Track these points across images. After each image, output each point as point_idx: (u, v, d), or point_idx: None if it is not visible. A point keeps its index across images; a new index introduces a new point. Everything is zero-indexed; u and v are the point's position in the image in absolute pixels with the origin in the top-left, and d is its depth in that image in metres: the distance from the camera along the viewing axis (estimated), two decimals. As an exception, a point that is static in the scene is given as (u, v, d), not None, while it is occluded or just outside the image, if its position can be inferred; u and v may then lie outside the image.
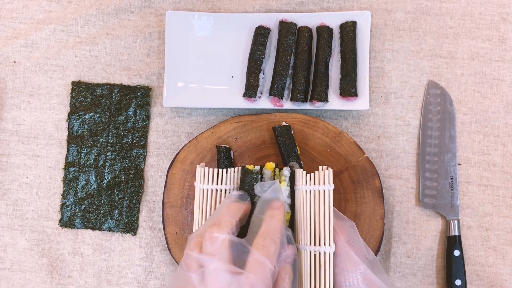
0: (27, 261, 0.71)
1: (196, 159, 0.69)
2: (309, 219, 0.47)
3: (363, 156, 0.67)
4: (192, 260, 0.43)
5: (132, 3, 0.74)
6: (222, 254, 0.42)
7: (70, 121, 0.72)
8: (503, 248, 0.69)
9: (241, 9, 0.73)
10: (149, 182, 0.72)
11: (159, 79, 0.73)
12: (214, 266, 0.42)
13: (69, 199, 0.71)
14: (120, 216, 0.71)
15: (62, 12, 0.74)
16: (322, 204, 0.46)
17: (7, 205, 0.72)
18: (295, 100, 0.69)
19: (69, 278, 0.71)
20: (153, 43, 0.74)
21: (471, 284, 0.69)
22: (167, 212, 0.68)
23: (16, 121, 0.73)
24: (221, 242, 0.43)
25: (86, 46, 0.74)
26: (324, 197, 0.46)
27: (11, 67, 0.74)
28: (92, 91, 0.72)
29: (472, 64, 0.72)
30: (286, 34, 0.69)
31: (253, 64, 0.69)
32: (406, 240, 0.69)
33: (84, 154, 0.72)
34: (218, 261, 0.42)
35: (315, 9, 0.73)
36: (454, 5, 0.73)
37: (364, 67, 0.69)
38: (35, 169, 0.72)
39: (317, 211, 0.46)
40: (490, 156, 0.71)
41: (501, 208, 0.70)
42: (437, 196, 0.69)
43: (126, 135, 0.72)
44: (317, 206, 0.46)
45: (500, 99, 0.71)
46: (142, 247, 0.71)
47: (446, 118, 0.70)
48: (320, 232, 0.46)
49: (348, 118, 0.72)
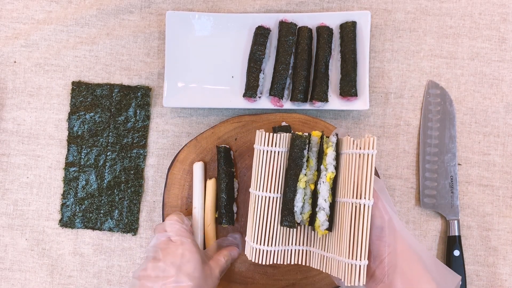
0: (27, 261, 0.71)
1: (196, 159, 0.69)
2: (353, 177, 0.54)
3: (363, 156, 0.68)
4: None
5: (132, 3, 0.74)
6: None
7: (70, 121, 0.72)
8: (503, 248, 0.69)
9: (241, 9, 0.73)
10: (149, 182, 0.72)
11: (159, 79, 0.73)
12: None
13: (69, 199, 0.71)
14: (120, 216, 0.71)
15: (62, 12, 0.74)
16: (365, 165, 0.53)
17: (7, 205, 0.72)
18: (295, 100, 0.69)
19: (70, 278, 0.71)
20: (153, 43, 0.74)
21: (471, 284, 0.69)
22: (167, 212, 0.68)
23: (17, 121, 0.73)
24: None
25: (86, 46, 0.74)
26: (367, 159, 0.53)
27: (12, 67, 0.74)
28: (92, 91, 0.72)
29: (472, 64, 0.72)
30: (286, 34, 0.69)
31: (253, 64, 0.69)
32: (406, 240, 0.70)
33: (84, 154, 0.72)
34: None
35: (315, 9, 0.73)
36: (454, 5, 0.73)
37: (364, 67, 0.69)
38: (36, 169, 0.72)
39: (361, 170, 0.53)
40: (490, 156, 0.71)
41: (501, 208, 0.70)
42: (437, 196, 0.69)
43: (126, 135, 0.72)
44: (361, 166, 0.53)
45: (500, 99, 0.71)
46: (143, 246, 0.71)
47: (446, 118, 0.70)
48: (362, 187, 0.52)
49: (348, 118, 0.72)
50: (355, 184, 0.53)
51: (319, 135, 0.58)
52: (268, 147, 0.57)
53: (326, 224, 0.56)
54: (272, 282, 0.68)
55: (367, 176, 0.52)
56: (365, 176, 0.53)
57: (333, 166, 0.56)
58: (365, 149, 0.53)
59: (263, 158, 0.57)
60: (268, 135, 0.57)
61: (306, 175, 0.57)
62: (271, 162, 0.57)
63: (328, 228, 0.56)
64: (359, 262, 0.51)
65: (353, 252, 0.52)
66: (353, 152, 0.54)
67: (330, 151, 0.57)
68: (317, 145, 0.58)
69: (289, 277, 0.68)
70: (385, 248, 0.53)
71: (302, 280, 0.67)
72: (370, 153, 0.53)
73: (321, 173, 0.56)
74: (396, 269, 0.52)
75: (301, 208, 0.56)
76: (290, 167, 0.56)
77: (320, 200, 0.56)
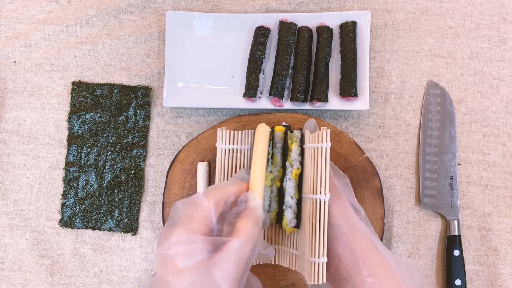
0: (27, 261, 0.71)
1: (196, 159, 0.69)
2: (311, 172, 0.53)
3: (363, 156, 0.68)
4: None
5: (132, 3, 0.74)
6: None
7: (70, 121, 0.72)
8: (503, 248, 0.69)
9: (241, 9, 0.73)
10: (149, 182, 0.72)
11: (159, 79, 0.73)
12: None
13: (70, 199, 0.71)
14: (120, 216, 0.71)
15: (62, 12, 0.74)
16: (320, 158, 0.52)
17: (7, 205, 0.72)
18: (295, 100, 0.69)
19: (70, 278, 0.71)
20: (153, 43, 0.74)
21: (471, 284, 0.69)
22: (167, 212, 0.69)
23: (17, 121, 0.73)
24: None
25: (86, 46, 0.74)
26: (322, 153, 0.52)
27: (12, 67, 0.74)
28: (92, 91, 0.72)
29: (472, 64, 0.72)
30: (286, 34, 0.69)
31: (253, 64, 0.69)
32: (406, 240, 0.70)
33: (84, 154, 0.72)
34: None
35: (315, 9, 0.73)
36: (454, 5, 0.73)
37: (364, 67, 0.69)
38: (36, 169, 0.72)
39: (316, 165, 0.52)
40: (490, 156, 0.71)
41: (501, 208, 0.70)
42: (437, 196, 0.69)
43: (126, 135, 0.72)
44: (317, 161, 0.52)
45: (500, 99, 0.71)
46: (143, 246, 0.71)
47: (446, 118, 0.71)
48: (318, 182, 0.51)
49: (348, 118, 0.72)
50: (312, 179, 0.52)
51: (282, 130, 0.57)
52: (231, 145, 0.57)
53: (294, 222, 0.54)
54: (272, 282, 0.68)
55: (322, 170, 0.51)
56: (321, 170, 0.51)
57: (298, 162, 0.55)
58: (320, 142, 0.52)
59: (226, 156, 0.57)
60: (229, 132, 0.57)
61: (272, 172, 0.55)
62: (234, 160, 0.57)
63: (296, 225, 0.54)
64: (318, 259, 0.50)
65: (313, 249, 0.50)
66: (310, 146, 0.53)
67: (294, 147, 0.55)
68: (281, 140, 0.57)
69: (289, 277, 0.68)
70: (343, 247, 0.52)
71: (302, 280, 0.67)
72: (324, 147, 0.51)
73: (287, 170, 0.55)
74: (358, 269, 0.51)
75: (268, 206, 0.55)
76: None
77: (286, 197, 0.54)
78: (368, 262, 0.51)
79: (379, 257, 0.52)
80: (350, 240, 0.52)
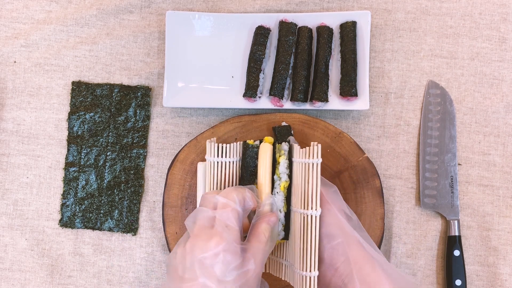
0: (27, 261, 0.71)
1: (196, 159, 0.69)
2: (301, 187, 0.53)
3: (363, 156, 0.68)
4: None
5: (132, 3, 0.74)
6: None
7: (70, 121, 0.72)
8: (503, 248, 0.69)
9: (241, 9, 0.73)
10: (149, 182, 0.72)
11: (159, 79, 0.73)
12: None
13: (69, 199, 0.71)
14: (120, 216, 0.71)
15: (62, 12, 0.74)
16: (311, 175, 0.52)
17: (7, 205, 0.72)
18: (295, 100, 0.69)
19: (70, 278, 0.71)
20: (153, 43, 0.74)
21: (471, 284, 0.69)
22: (167, 212, 0.69)
23: (16, 121, 0.73)
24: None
25: (86, 46, 0.74)
26: (313, 169, 0.52)
27: (11, 67, 0.74)
28: (92, 91, 0.72)
29: (472, 64, 0.72)
30: (286, 34, 0.69)
31: (253, 64, 0.69)
32: (406, 240, 0.70)
33: (84, 154, 0.72)
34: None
35: (315, 9, 0.73)
36: (454, 5, 0.73)
37: (364, 67, 0.69)
38: (35, 169, 0.72)
39: (307, 180, 0.52)
40: (490, 156, 0.71)
41: (501, 208, 0.70)
42: (437, 196, 0.69)
43: (126, 135, 0.72)
44: (307, 176, 0.52)
45: (500, 99, 0.71)
46: (143, 246, 0.71)
47: (446, 118, 0.70)
48: (308, 198, 0.52)
49: (348, 118, 0.72)
50: (302, 194, 0.53)
51: (271, 142, 0.57)
52: (220, 158, 0.56)
53: (282, 234, 0.55)
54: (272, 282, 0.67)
55: (313, 186, 0.51)
56: (311, 186, 0.52)
57: (286, 175, 0.55)
58: (310, 157, 0.52)
59: (215, 169, 0.56)
60: (218, 145, 0.56)
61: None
62: (224, 173, 0.57)
63: (285, 237, 0.55)
64: (309, 273, 0.51)
65: (304, 263, 0.51)
66: (300, 161, 0.54)
67: (282, 160, 0.55)
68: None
69: (289, 277, 0.68)
70: (338, 256, 0.52)
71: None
72: (315, 162, 0.52)
73: (275, 183, 0.55)
74: (353, 276, 0.51)
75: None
76: (243, 177, 0.56)
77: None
78: (362, 271, 0.51)
79: (372, 265, 0.52)
80: (345, 249, 0.52)
